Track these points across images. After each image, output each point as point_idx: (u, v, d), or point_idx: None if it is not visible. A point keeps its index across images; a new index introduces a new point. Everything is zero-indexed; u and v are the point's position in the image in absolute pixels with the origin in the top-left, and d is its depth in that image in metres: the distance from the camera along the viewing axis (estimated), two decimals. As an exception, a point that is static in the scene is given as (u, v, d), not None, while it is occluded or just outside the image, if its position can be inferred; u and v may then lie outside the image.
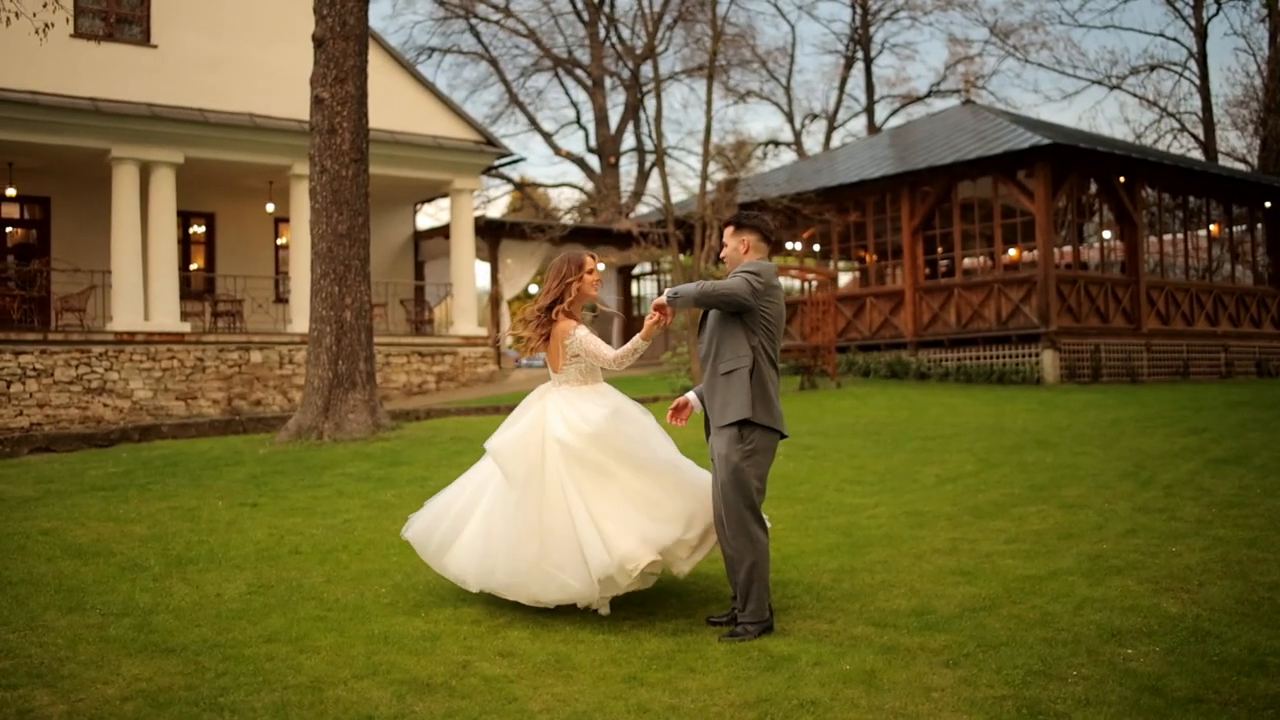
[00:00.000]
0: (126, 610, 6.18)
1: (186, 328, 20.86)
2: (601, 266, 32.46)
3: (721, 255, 6.19)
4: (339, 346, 13.52)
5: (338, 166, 13.64)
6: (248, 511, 9.12)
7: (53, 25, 12.49)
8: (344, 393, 13.48)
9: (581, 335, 6.21)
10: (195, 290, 23.54)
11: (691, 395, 6.14)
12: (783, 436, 5.84)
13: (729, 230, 6.02)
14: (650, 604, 6.24)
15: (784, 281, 28.87)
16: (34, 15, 12.60)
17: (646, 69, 38.18)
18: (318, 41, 13.74)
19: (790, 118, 45.86)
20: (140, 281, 20.35)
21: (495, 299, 27.80)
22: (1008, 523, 8.18)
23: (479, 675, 5.04)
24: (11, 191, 21.32)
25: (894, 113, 44.57)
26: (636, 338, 6.02)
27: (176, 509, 9.24)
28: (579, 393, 6.21)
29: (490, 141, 25.03)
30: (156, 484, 10.56)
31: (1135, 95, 40.17)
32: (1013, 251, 24.91)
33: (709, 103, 20.99)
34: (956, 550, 7.31)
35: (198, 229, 24.34)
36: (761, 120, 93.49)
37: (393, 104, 23.23)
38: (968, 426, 14.32)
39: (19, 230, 22.51)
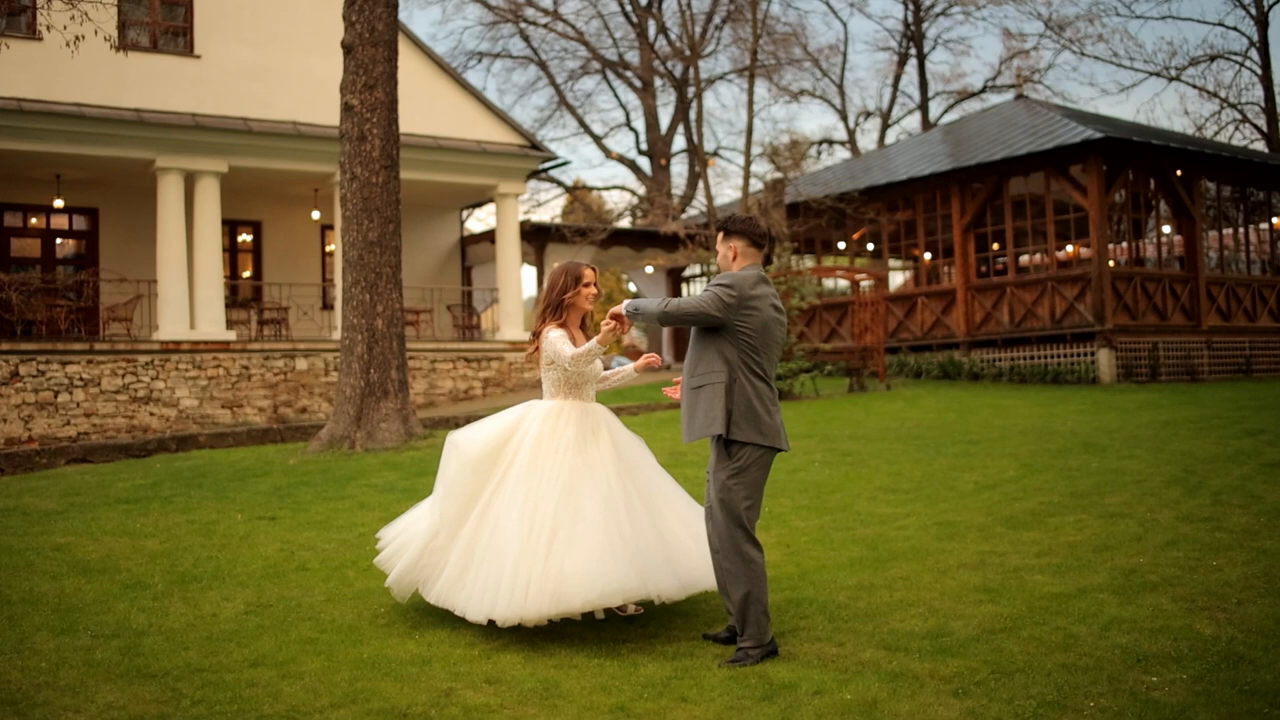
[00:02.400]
0: (118, 631, 6.04)
1: (232, 336, 20.89)
2: (650, 269, 32.29)
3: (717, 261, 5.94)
4: (371, 355, 13.40)
5: (368, 173, 13.52)
6: (264, 525, 8.98)
7: (82, 38, 12.46)
8: (376, 401, 13.35)
9: (553, 336, 6.04)
10: (243, 298, 23.62)
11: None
12: (778, 451, 5.54)
13: (719, 236, 5.77)
14: (654, 625, 6.00)
15: (832, 282, 28.62)
16: (64, 28, 12.63)
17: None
18: (347, 48, 13.64)
19: (844, 116, 45.34)
20: (186, 291, 20.40)
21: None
22: (1042, 534, 7.82)
23: (460, 704, 4.81)
24: (59, 203, 21.50)
25: (948, 109, 43.92)
26: (594, 340, 5.80)
27: (194, 522, 9.13)
28: (543, 407, 6.05)
29: (535, 145, 24.87)
30: (180, 496, 10.48)
31: (1195, 86, 39.16)
32: (1070, 248, 24.32)
33: (750, 103, 20.70)
34: (984, 564, 6.98)
35: (245, 237, 24.44)
36: (815, 119, 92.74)
37: (436, 109, 23.19)
38: (1015, 429, 13.90)
39: (69, 241, 22.70)
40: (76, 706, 4.88)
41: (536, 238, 27.37)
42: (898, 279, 29.93)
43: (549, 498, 5.71)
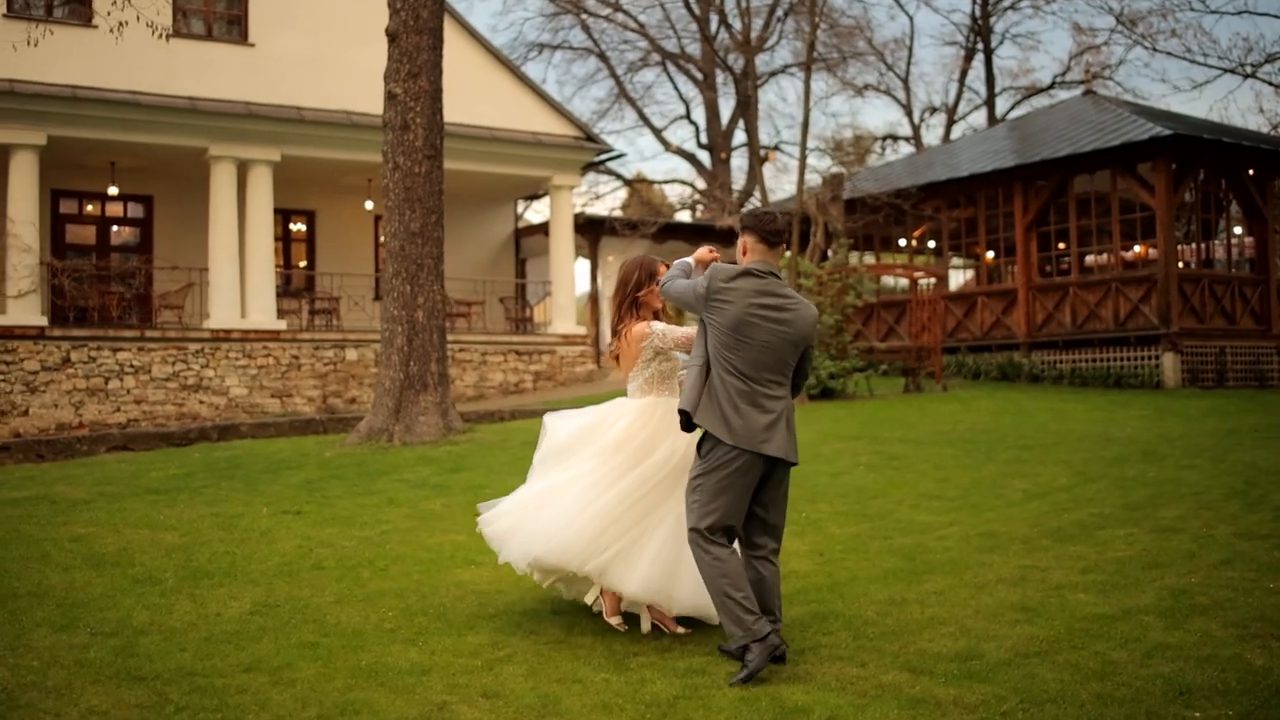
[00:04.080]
0: (118, 630, 5.86)
1: (282, 325, 20.87)
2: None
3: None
4: (410, 347, 13.23)
5: (410, 163, 13.35)
6: (288, 520, 8.81)
7: (126, 23, 12.40)
8: (415, 395, 13.18)
9: (660, 329, 5.95)
10: (296, 288, 23.62)
11: None
12: (759, 457, 5.25)
13: (740, 229, 5.54)
14: (669, 638, 5.71)
15: (894, 280, 28.07)
16: (108, 14, 12.57)
17: (757, 62, 37.33)
18: (391, 36, 13.47)
19: (909, 112, 44.61)
20: (237, 279, 20.40)
21: (595, 297, 27.42)
22: (1089, 548, 7.43)
23: (452, 720, 4.56)
24: (114, 190, 21.59)
25: (1015, 105, 43.01)
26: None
27: (218, 515, 8.98)
28: (635, 405, 5.98)
29: (590, 137, 24.65)
30: (211, 488, 10.35)
31: (1271, 84, 37.88)
32: (1138, 248, 23.61)
33: (806, 96, 20.26)
34: (1024, 580, 6.62)
35: (299, 226, 24.44)
36: (880, 114, 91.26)
37: (491, 100, 23.04)
38: (1071, 435, 13.44)
39: (125, 228, 22.82)
40: (58, 710, 4.69)
41: (590, 230, 27.16)
42: (960, 278, 29.34)
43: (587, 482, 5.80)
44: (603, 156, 26.18)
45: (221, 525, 8.60)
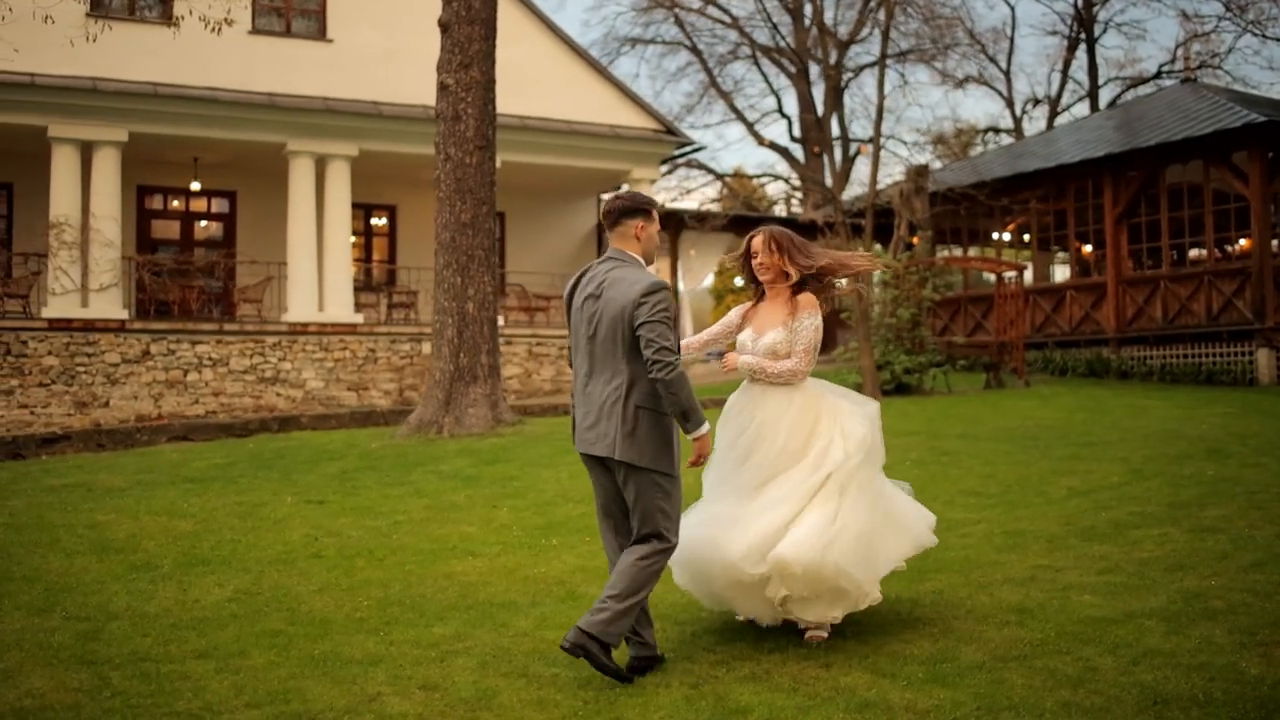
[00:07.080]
0: (93, 615, 5.87)
1: (359, 319, 21.03)
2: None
3: None
4: (460, 339, 13.20)
5: (462, 154, 13.31)
6: (307, 509, 8.80)
7: (183, 17, 12.56)
8: (465, 386, 13.14)
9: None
10: (376, 282, 23.81)
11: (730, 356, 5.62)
12: (590, 456, 5.05)
13: None
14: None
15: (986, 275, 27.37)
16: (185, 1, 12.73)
17: (854, 54, 36.70)
18: (443, 27, 13.45)
19: (1010, 104, 43.57)
20: (315, 273, 20.61)
21: (675, 290, 27.23)
22: (1115, 547, 7.04)
23: (378, 712, 4.42)
24: (196, 185, 21.97)
25: (1119, 95, 41.72)
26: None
27: (242, 504, 9.01)
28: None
29: (670, 130, 24.44)
30: (246, 478, 10.41)
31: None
32: (1243, 242, 22.66)
33: (880, 88, 19.85)
34: (1032, 580, 6.27)
35: (380, 221, 24.64)
36: (979, 105, 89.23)
37: (570, 94, 22.97)
38: (1140, 431, 12.88)
39: (211, 223, 23.24)
40: (-3, 693, 4.67)
41: (671, 224, 26.97)
42: (1063, 272, 28.47)
43: None
44: (682, 150, 25.93)
45: (239, 514, 8.62)
